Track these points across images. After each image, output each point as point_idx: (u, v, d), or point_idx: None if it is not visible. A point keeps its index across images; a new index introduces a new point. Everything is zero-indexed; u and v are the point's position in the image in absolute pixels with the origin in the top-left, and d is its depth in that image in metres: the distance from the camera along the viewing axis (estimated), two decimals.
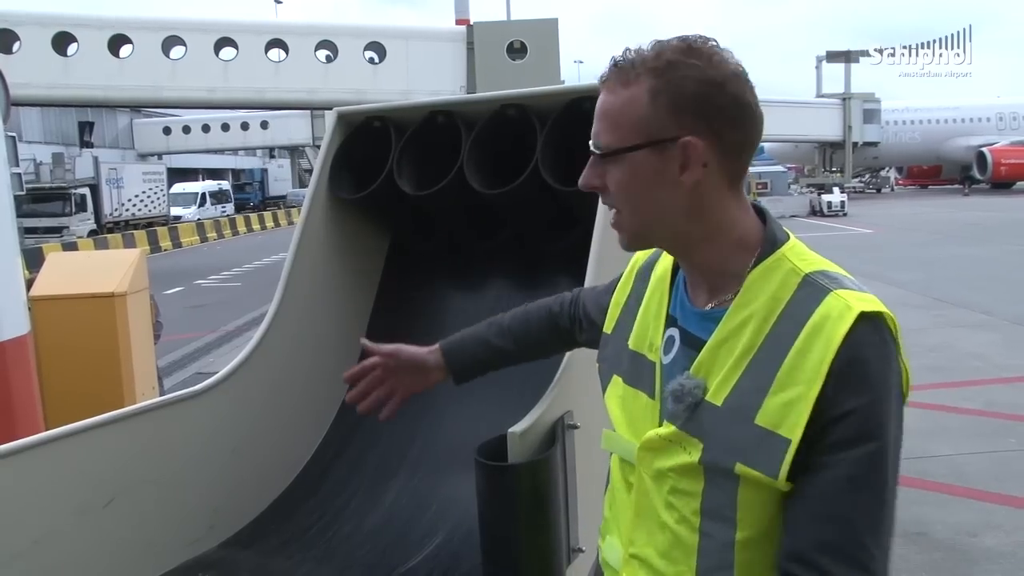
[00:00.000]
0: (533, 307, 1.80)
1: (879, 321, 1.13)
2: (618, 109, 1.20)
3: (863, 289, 1.17)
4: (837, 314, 1.11)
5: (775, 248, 1.21)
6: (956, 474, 5.61)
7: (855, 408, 1.09)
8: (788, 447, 1.10)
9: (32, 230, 26.73)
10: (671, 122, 1.17)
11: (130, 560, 2.19)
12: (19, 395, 3.55)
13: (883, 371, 1.11)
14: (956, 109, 49.54)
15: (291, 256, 2.71)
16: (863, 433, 1.09)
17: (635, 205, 1.24)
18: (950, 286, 13.53)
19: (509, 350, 1.79)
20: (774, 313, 1.16)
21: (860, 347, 1.10)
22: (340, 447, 2.79)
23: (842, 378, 1.09)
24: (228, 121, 49.56)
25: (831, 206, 32.92)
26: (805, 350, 1.11)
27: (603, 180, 1.24)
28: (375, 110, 2.87)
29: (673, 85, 1.17)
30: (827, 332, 1.10)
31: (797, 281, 1.17)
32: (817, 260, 1.21)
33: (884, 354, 1.12)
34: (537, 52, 20.49)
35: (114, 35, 20.98)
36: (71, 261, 6.97)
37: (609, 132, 1.21)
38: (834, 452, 1.09)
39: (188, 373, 9.58)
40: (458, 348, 1.80)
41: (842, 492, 1.10)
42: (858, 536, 1.10)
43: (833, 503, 1.10)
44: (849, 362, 1.09)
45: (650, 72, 1.18)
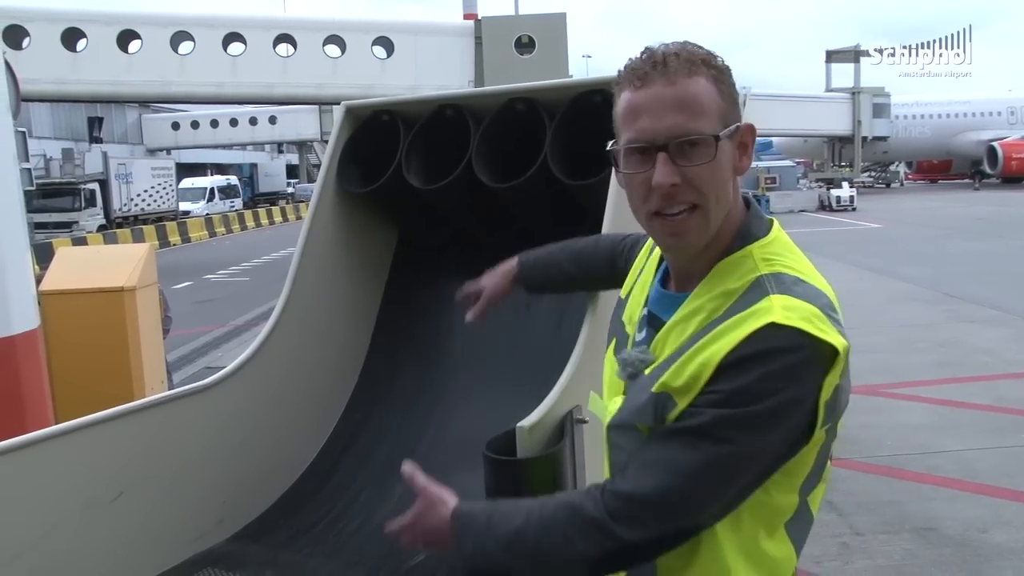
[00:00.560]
0: (604, 239, 1.91)
1: (785, 333, 1.14)
2: (701, 97, 1.20)
3: (811, 300, 1.18)
4: (753, 316, 1.15)
5: (746, 242, 1.25)
6: (966, 469, 5.59)
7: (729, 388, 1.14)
8: (675, 408, 1.19)
9: (42, 225, 26.82)
10: (732, 109, 1.23)
11: (139, 553, 2.19)
12: (29, 389, 3.56)
13: (762, 379, 1.13)
14: (967, 103, 49.22)
15: (299, 250, 2.71)
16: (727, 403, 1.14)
17: (719, 196, 1.23)
18: (960, 281, 13.46)
19: (574, 275, 1.94)
20: (722, 307, 1.20)
21: (757, 350, 1.13)
22: (348, 441, 2.79)
23: (730, 369, 1.14)
24: (236, 116, 49.62)
25: (840, 201, 32.76)
26: (714, 339, 1.17)
27: (681, 176, 1.20)
28: (383, 104, 2.86)
29: (723, 74, 1.23)
30: (736, 331, 1.15)
31: (751, 280, 1.21)
32: (782, 261, 1.24)
33: (783, 362, 1.14)
34: (545, 47, 20.44)
35: (123, 30, 21.00)
36: (80, 256, 6.99)
37: (700, 120, 1.19)
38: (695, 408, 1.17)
39: (197, 368, 9.60)
40: (533, 264, 1.99)
41: (662, 437, 1.20)
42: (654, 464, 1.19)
43: (651, 447, 1.22)
44: (740, 359, 1.14)
45: (704, 63, 1.21)
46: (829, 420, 1.20)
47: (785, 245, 1.28)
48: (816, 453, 1.24)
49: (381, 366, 2.95)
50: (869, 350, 9.11)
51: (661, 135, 1.19)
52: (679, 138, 1.18)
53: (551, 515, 1.24)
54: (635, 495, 1.19)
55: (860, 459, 5.88)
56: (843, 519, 4.90)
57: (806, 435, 1.19)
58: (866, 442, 6.22)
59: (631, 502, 1.19)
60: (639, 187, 1.23)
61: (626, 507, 1.19)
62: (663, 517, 1.19)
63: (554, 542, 1.22)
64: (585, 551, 1.21)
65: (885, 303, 12.02)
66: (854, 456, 5.93)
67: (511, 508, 1.30)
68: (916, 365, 8.45)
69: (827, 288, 1.25)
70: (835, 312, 1.21)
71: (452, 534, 1.32)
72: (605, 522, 1.19)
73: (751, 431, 1.14)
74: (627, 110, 1.22)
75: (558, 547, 1.22)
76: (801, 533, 1.30)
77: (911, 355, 8.89)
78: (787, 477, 1.24)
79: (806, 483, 1.27)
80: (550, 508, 1.26)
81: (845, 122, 45.07)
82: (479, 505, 1.36)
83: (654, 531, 1.19)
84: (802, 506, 1.28)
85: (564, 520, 1.23)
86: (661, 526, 1.19)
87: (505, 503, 1.34)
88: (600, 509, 1.20)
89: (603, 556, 1.21)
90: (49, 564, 1.97)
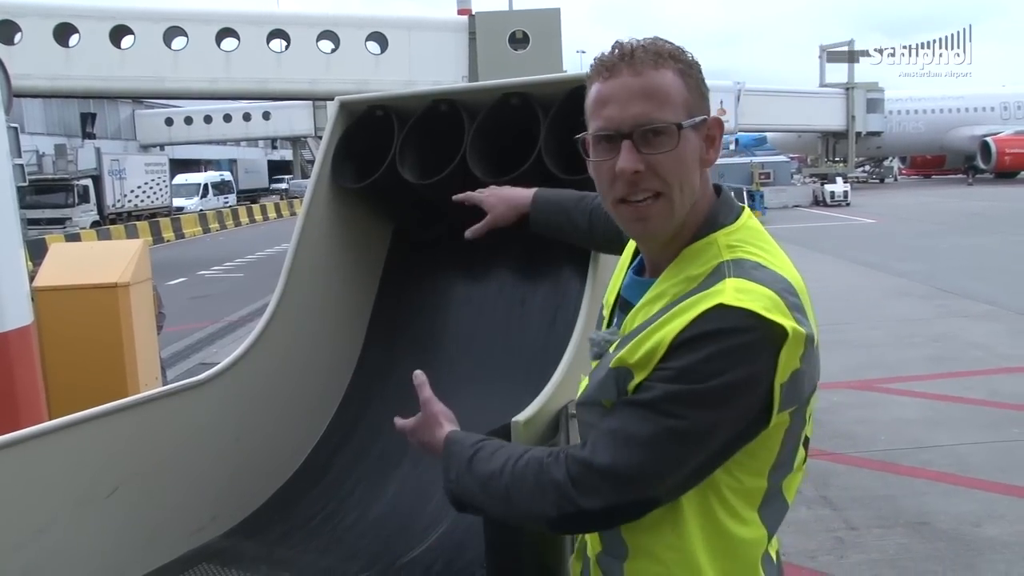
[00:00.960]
0: None
1: (734, 314, 1.17)
2: (666, 88, 1.24)
3: (767, 284, 1.20)
4: (706, 298, 1.19)
5: (712, 229, 1.30)
6: (959, 464, 5.62)
7: (680, 365, 1.18)
8: (632, 381, 1.24)
9: (35, 221, 26.76)
10: (699, 102, 1.28)
11: (133, 549, 2.19)
12: (22, 385, 3.55)
13: (710, 358, 1.16)
14: (960, 99, 49.34)
15: (293, 246, 2.70)
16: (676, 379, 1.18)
17: (683, 185, 1.27)
18: (953, 276, 13.51)
19: (583, 229, 1.96)
20: (684, 291, 1.25)
21: (705, 330, 1.17)
22: (343, 437, 2.79)
23: (680, 347, 1.18)
24: (230, 112, 49.52)
25: (834, 196, 32.85)
26: (669, 319, 1.21)
27: (645, 164, 1.24)
28: (377, 99, 2.85)
29: (691, 68, 1.27)
30: (689, 312, 1.19)
31: (713, 266, 1.25)
32: (746, 248, 1.27)
33: (731, 342, 1.16)
34: (539, 42, 20.45)
35: (116, 26, 20.96)
36: (74, 252, 6.96)
37: (664, 109, 1.23)
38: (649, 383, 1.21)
39: (191, 364, 9.60)
40: (545, 205, 2.03)
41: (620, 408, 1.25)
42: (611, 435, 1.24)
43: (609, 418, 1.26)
44: (690, 339, 1.18)
45: (672, 57, 1.25)
46: (789, 404, 1.22)
47: (752, 232, 1.31)
48: (781, 437, 1.26)
49: (376, 362, 2.95)
50: (863, 345, 9.14)
51: (626, 123, 1.24)
52: (643, 126, 1.23)
53: (523, 468, 1.31)
54: (592, 463, 1.24)
55: (855, 454, 5.91)
56: (838, 513, 4.92)
57: (763, 418, 1.21)
58: (861, 437, 6.25)
59: (588, 470, 1.24)
60: (606, 174, 1.28)
61: (584, 474, 1.24)
62: (617, 487, 1.23)
63: (521, 494, 1.29)
64: (546, 510, 1.27)
65: (879, 298, 12.06)
66: (849, 451, 5.95)
67: (494, 449, 1.37)
68: (910, 360, 8.48)
69: (791, 274, 1.27)
70: (795, 297, 1.23)
71: (442, 458, 1.44)
72: (566, 487, 1.25)
73: (701, 407, 1.18)
74: (595, 100, 1.28)
75: (524, 500, 1.29)
76: (774, 518, 1.34)
77: (905, 350, 8.92)
78: (752, 460, 1.26)
79: (776, 469, 1.29)
80: (523, 460, 1.32)
81: (839, 117, 45.17)
82: (469, 438, 1.43)
83: (609, 500, 1.23)
84: (773, 491, 1.31)
85: (532, 476, 1.29)
86: (616, 496, 1.23)
87: (491, 443, 1.40)
88: (563, 473, 1.26)
89: (561, 517, 1.26)
90: (44, 560, 1.96)
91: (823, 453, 5.85)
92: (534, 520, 1.30)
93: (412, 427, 1.60)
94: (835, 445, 6.04)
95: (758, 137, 50.47)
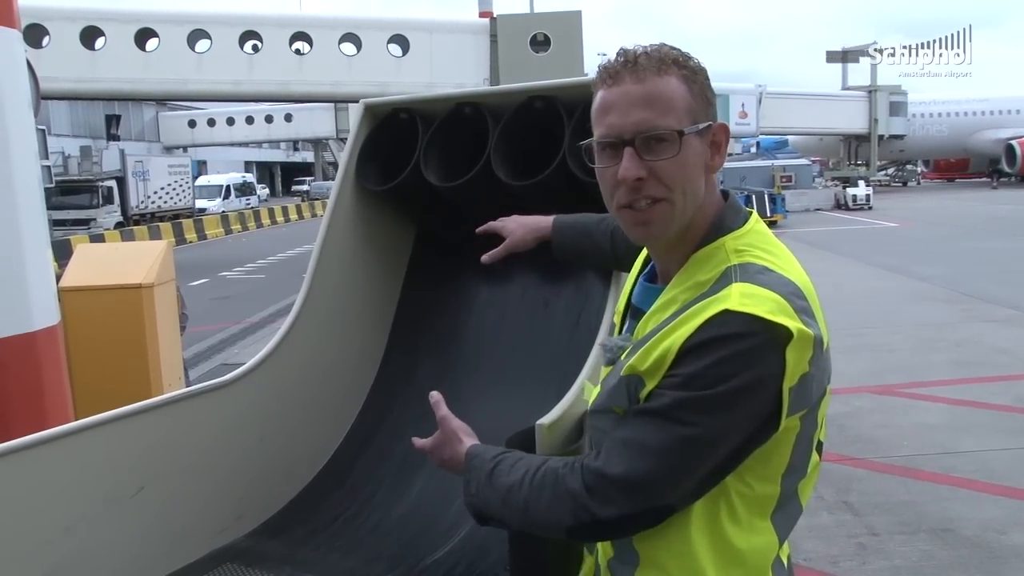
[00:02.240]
0: None
1: (740, 319, 1.17)
2: (668, 95, 1.25)
3: (772, 287, 1.21)
4: (712, 304, 1.20)
5: (720, 234, 1.30)
6: (984, 470, 5.56)
7: (688, 372, 1.19)
8: (643, 389, 1.24)
9: (60, 222, 27.03)
10: (704, 109, 1.28)
11: (158, 548, 2.21)
12: (50, 384, 3.59)
13: (718, 364, 1.17)
14: (984, 101, 48.84)
15: (318, 247, 2.72)
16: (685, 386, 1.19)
17: (686, 190, 1.27)
18: (977, 281, 13.37)
19: (606, 250, 2.00)
20: (692, 297, 1.25)
21: (712, 335, 1.18)
22: (366, 438, 2.80)
23: (688, 354, 1.19)
24: (252, 114, 49.85)
25: (856, 199, 32.59)
26: (677, 326, 1.22)
27: (648, 170, 1.25)
28: (402, 101, 2.87)
29: (696, 74, 1.28)
30: (696, 318, 1.20)
31: (721, 271, 1.26)
32: (754, 252, 1.28)
33: (738, 347, 1.17)
34: (560, 44, 20.40)
35: (141, 29, 21.12)
36: (99, 253, 7.03)
37: (666, 116, 1.24)
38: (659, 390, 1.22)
39: (213, 364, 9.66)
40: (567, 229, 2.07)
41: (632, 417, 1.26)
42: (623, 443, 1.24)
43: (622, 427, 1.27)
44: (697, 344, 1.18)
45: (675, 63, 1.26)
46: (798, 408, 1.23)
47: (760, 236, 1.32)
48: (793, 442, 1.27)
49: (399, 363, 2.96)
50: (886, 349, 9.07)
51: (628, 130, 1.25)
52: (644, 133, 1.24)
53: (540, 479, 1.32)
54: (605, 473, 1.25)
55: (877, 459, 5.86)
56: (860, 519, 4.88)
57: (773, 422, 1.21)
58: (883, 442, 6.20)
59: (603, 479, 1.25)
60: (609, 180, 1.29)
61: (598, 484, 1.25)
62: (631, 496, 1.24)
63: (540, 505, 1.31)
64: (563, 519, 1.29)
65: (902, 302, 11.96)
66: (870, 456, 5.91)
67: (513, 462, 1.39)
68: (933, 365, 8.40)
69: (800, 277, 1.27)
70: (803, 300, 1.23)
71: (463, 472, 1.46)
72: (582, 496, 1.26)
73: (710, 413, 1.18)
74: (599, 107, 1.29)
75: (542, 510, 1.31)
76: (787, 522, 1.33)
77: (928, 354, 8.84)
78: (764, 465, 1.26)
79: (789, 474, 1.29)
80: (541, 472, 1.33)
81: (861, 120, 44.79)
82: (489, 452, 1.44)
83: (624, 508, 1.24)
84: (787, 496, 1.31)
85: (550, 486, 1.31)
86: (631, 504, 1.24)
87: (510, 455, 1.41)
88: (578, 483, 1.27)
89: (578, 526, 1.28)
90: (71, 557, 1.98)
91: (844, 458, 5.81)
92: (551, 530, 1.32)
93: (432, 446, 1.59)
94: (857, 450, 6.00)
95: (779, 140, 50.20)
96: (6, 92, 3.43)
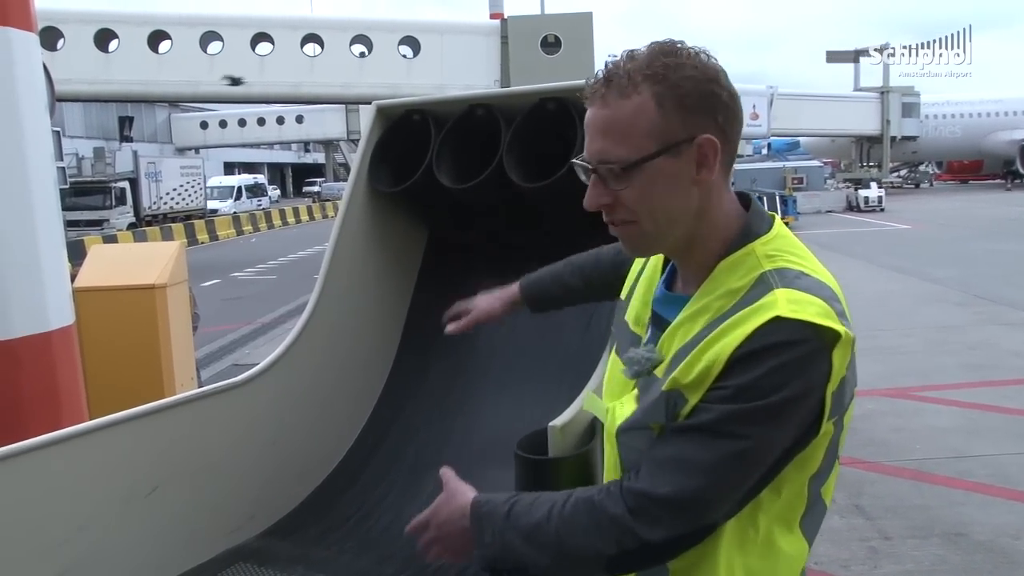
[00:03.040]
0: (605, 249, 1.90)
1: (791, 327, 1.15)
2: (626, 121, 1.21)
3: (814, 292, 1.19)
4: (759, 311, 1.17)
5: (747, 240, 1.27)
6: (998, 475, 5.52)
7: (738, 383, 1.15)
8: (686, 405, 1.20)
9: (74, 223, 27.14)
10: (682, 124, 1.21)
11: (172, 547, 2.22)
12: (65, 384, 3.61)
13: (770, 373, 1.14)
14: (999, 102, 48.56)
15: (331, 249, 2.73)
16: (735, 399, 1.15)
17: (654, 213, 1.25)
18: (991, 283, 13.29)
19: (579, 288, 1.95)
20: (728, 305, 1.22)
21: (765, 344, 1.15)
22: (378, 439, 2.81)
23: (739, 363, 1.15)
24: (264, 116, 50.00)
25: (868, 201, 32.45)
26: (721, 335, 1.18)
27: (613, 196, 1.25)
28: (414, 103, 2.88)
29: (676, 87, 1.20)
30: (743, 326, 1.16)
31: (755, 277, 1.22)
32: (785, 257, 1.25)
33: (790, 354, 1.15)
34: (571, 46, 20.39)
35: (153, 31, 21.23)
36: (113, 253, 7.07)
37: (620, 145, 1.22)
38: (705, 404, 1.18)
39: (224, 365, 9.69)
40: (536, 282, 2.00)
41: (675, 434, 1.21)
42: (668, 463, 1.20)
43: (664, 445, 1.22)
44: (748, 353, 1.15)
45: (648, 79, 1.21)
46: (836, 413, 1.22)
47: (787, 241, 1.29)
48: (826, 446, 1.25)
49: (411, 364, 2.97)
50: (898, 352, 9.03)
51: (592, 157, 1.24)
52: (603, 163, 1.23)
53: (572, 510, 1.25)
54: (652, 494, 1.20)
55: (889, 463, 5.83)
56: (871, 523, 4.86)
57: (815, 428, 1.20)
58: (895, 445, 6.17)
59: (648, 500, 1.20)
60: None
61: (644, 505, 1.20)
62: (681, 516, 1.20)
63: (575, 537, 1.24)
64: (604, 548, 1.22)
65: (914, 305, 11.90)
66: (883, 460, 5.88)
67: (531, 500, 1.31)
68: (946, 368, 8.36)
69: (831, 281, 1.26)
70: (839, 303, 1.22)
71: (471, 523, 1.33)
72: (625, 519, 1.20)
73: (761, 425, 1.15)
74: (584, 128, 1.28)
75: (578, 542, 1.23)
76: (814, 526, 1.32)
77: (941, 357, 8.79)
78: (798, 472, 1.25)
79: (817, 477, 1.28)
80: (571, 503, 1.26)
81: (874, 122, 44.61)
82: (499, 496, 1.35)
83: (672, 530, 1.20)
84: (814, 498, 1.30)
85: (585, 516, 1.24)
86: (679, 524, 1.20)
87: (524, 496, 1.33)
88: (621, 507, 1.21)
89: (621, 554, 1.22)
90: (86, 556, 2.00)
91: (856, 461, 5.79)
92: (590, 563, 1.24)
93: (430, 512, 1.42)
94: (869, 453, 5.97)
95: (791, 142, 50.05)
96: (23, 95, 3.45)
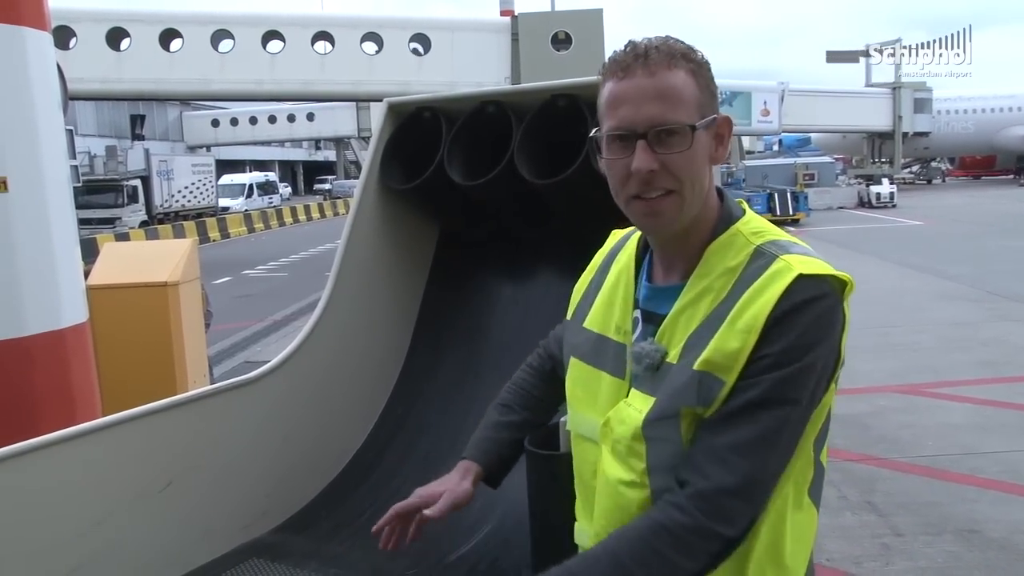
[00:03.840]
0: (519, 375, 1.77)
1: (815, 282, 1.21)
2: (679, 88, 1.26)
3: (812, 255, 1.26)
4: (779, 275, 1.21)
5: (730, 224, 1.32)
6: (1011, 471, 5.49)
7: (779, 349, 1.18)
8: (723, 388, 1.20)
9: (86, 221, 27.28)
10: (709, 102, 1.29)
11: (186, 543, 2.24)
12: (78, 381, 3.63)
13: (805, 331, 1.19)
14: (1011, 97, 48.20)
15: (343, 245, 2.74)
16: (780, 364, 1.18)
17: (695, 183, 1.28)
18: (1003, 279, 13.21)
19: (525, 422, 1.73)
20: (729, 284, 1.25)
21: (795, 302, 1.19)
22: (390, 435, 2.82)
23: (775, 327, 1.19)
24: (275, 113, 50.12)
25: (880, 197, 32.32)
26: (746, 306, 1.21)
27: (660, 163, 1.25)
28: (426, 100, 2.88)
29: (701, 67, 1.29)
30: (769, 291, 1.20)
31: (750, 252, 1.27)
32: (769, 232, 1.31)
33: (819, 309, 1.20)
34: (582, 43, 20.37)
35: (165, 29, 21.32)
36: (126, 251, 7.10)
37: (677, 110, 1.25)
38: (748, 380, 1.20)
39: (236, 362, 9.73)
40: (481, 448, 1.71)
41: (724, 422, 1.20)
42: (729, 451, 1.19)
43: (716, 436, 1.20)
44: (784, 314, 1.19)
45: (683, 57, 1.27)
46: (839, 365, 1.27)
47: (763, 222, 1.35)
48: (831, 405, 1.30)
49: (423, 361, 2.97)
50: (911, 349, 8.99)
51: (641, 124, 1.25)
52: (658, 127, 1.24)
53: (635, 546, 1.20)
54: (724, 489, 1.18)
55: (901, 459, 5.81)
56: (884, 520, 4.85)
57: (833, 378, 1.25)
58: (907, 442, 6.15)
59: (720, 497, 1.18)
60: (619, 172, 1.29)
61: (718, 504, 1.18)
62: (754, 498, 1.21)
63: (655, 569, 1.19)
64: (691, 564, 1.19)
65: (927, 301, 11.85)
66: (894, 456, 5.86)
67: (585, 561, 1.25)
68: (959, 364, 8.32)
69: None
70: None
71: None
72: (705, 526, 1.18)
73: (806, 383, 1.20)
74: (610, 99, 1.28)
75: (661, 572, 1.19)
76: (819, 494, 1.35)
77: (954, 354, 8.75)
78: (806, 437, 1.27)
79: (819, 440, 1.31)
80: (627, 541, 1.21)
81: (885, 117, 44.39)
82: (552, 571, 1.24)
83: (748, 514, 1.21)
84: (818, 464, 1.33)
85: (654, 543, 1.19)
86: (753, 507, 1.21)
87: (571, 562, 1.25)
88: (695, 515, 1.18)
89: (709, 561, 1.19)
90: (101, 551, 2.01)
91: (868, 458, 5.77)
92: None
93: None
94: (881, 450, 5.96)
95: (802, 138, 49.82)
96: (37, 93, 3.48)
